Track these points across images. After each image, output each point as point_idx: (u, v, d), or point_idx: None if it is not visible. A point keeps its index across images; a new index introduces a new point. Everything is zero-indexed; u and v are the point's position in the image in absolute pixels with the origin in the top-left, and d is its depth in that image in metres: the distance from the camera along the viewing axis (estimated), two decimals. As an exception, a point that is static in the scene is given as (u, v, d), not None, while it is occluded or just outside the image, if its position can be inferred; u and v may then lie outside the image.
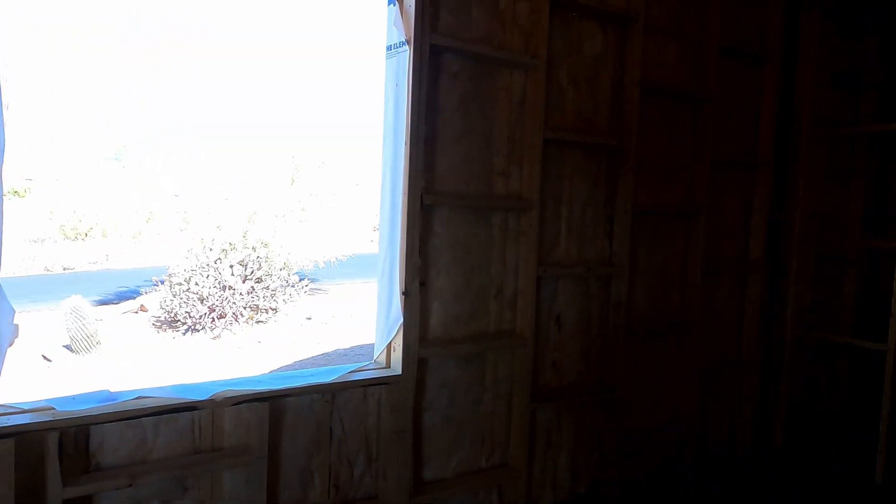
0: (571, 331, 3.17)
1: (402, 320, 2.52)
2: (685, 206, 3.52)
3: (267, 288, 10.51)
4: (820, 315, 4.37)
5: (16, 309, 1.97)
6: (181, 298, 9.92)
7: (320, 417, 2.45)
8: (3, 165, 1.88)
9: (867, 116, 4.37)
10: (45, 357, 8.29)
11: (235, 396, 2.19)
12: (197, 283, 9.96)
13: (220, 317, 9.87)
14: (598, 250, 3.23)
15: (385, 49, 2.62)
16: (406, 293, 2.52)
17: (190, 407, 2.14)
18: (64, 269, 16.74)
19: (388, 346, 2.60)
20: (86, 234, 20.31)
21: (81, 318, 8.51)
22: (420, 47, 2.48)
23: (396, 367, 2.56)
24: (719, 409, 3.85)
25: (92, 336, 8.62)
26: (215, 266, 10.23)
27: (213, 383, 2.27)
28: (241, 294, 10.09)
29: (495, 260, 2.89)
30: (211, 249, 10.35)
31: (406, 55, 2.49)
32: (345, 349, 8.71)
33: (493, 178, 2.86)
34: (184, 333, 9.72)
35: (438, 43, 2.56)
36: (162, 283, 10.41)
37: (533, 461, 3.07)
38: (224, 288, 10.04)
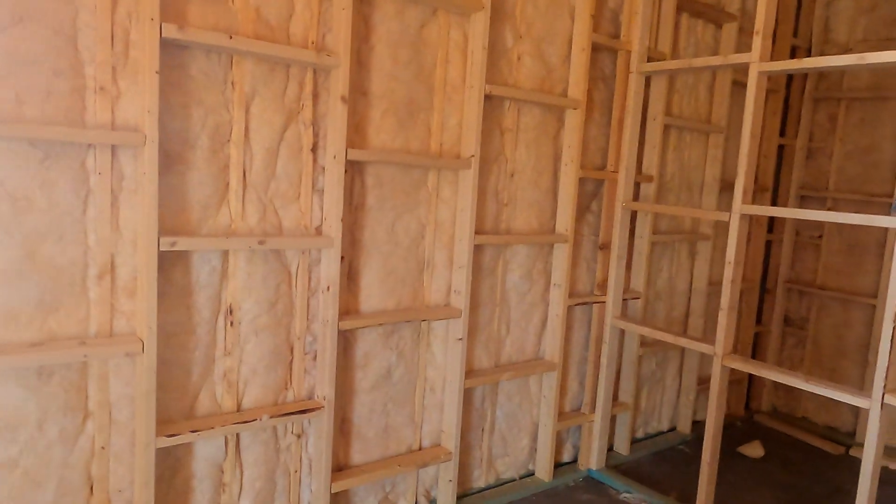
0: (254, 328, 2.22)
1: None
2: (449, 157, 2.58)
3: None
4: (663, 302, 3.54)
5: None
6: None
7: None
8: None
9: (728, 52, 3.48)
10: None
11: None
12: None
13: None
14: (300, 214, 2.27)
15: None
16: None
17: None
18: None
19: None
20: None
21: None
22: None
23: None
24: (512, 424, 2.98)
25: None
26: None
27: None
28: None
29: (98, 223, 1.90)
30: None
31: None
32: None
33: (88, 98, 1.86)
34: None
35: None
36: None
37: (181, 516, 2.14)
38: None
